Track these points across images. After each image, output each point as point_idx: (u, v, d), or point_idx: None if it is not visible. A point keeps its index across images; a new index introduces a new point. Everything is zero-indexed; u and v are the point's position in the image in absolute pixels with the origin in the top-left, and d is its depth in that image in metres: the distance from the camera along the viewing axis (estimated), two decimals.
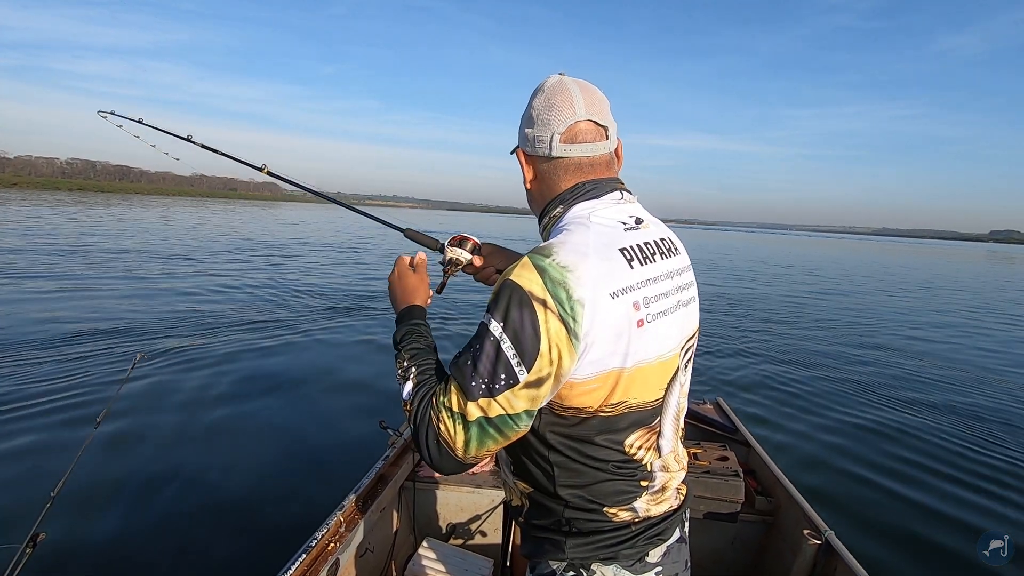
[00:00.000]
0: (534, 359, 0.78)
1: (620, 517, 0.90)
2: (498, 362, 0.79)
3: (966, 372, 7.39)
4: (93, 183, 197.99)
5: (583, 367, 0.81)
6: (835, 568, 1.79)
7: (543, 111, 0.94)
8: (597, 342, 0.80)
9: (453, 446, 0.82)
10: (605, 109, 0.96)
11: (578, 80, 0.97)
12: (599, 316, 0.80)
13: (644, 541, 0.91)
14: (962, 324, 11.81)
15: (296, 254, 16.99)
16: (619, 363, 0.83)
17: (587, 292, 0.79)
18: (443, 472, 0.87)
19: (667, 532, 0.94)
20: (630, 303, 0.83)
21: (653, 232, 0.95)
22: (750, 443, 2.65)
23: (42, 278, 9.38)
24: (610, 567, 0.89)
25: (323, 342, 6.39)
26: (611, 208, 0.92)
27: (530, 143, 0.96)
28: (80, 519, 2.76)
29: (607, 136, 0.95)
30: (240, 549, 2.67)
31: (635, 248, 0.88)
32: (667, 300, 0.90)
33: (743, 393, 5.72)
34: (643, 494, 0.91)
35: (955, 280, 24.98)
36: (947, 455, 4.46)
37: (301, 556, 1.58)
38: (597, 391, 0.84)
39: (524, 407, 0.81)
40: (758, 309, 11.97)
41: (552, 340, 0.78)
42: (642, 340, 0.84)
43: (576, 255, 0.82)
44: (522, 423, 0.83)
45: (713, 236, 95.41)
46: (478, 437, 0.81)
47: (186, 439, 3.73)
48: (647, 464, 0.91)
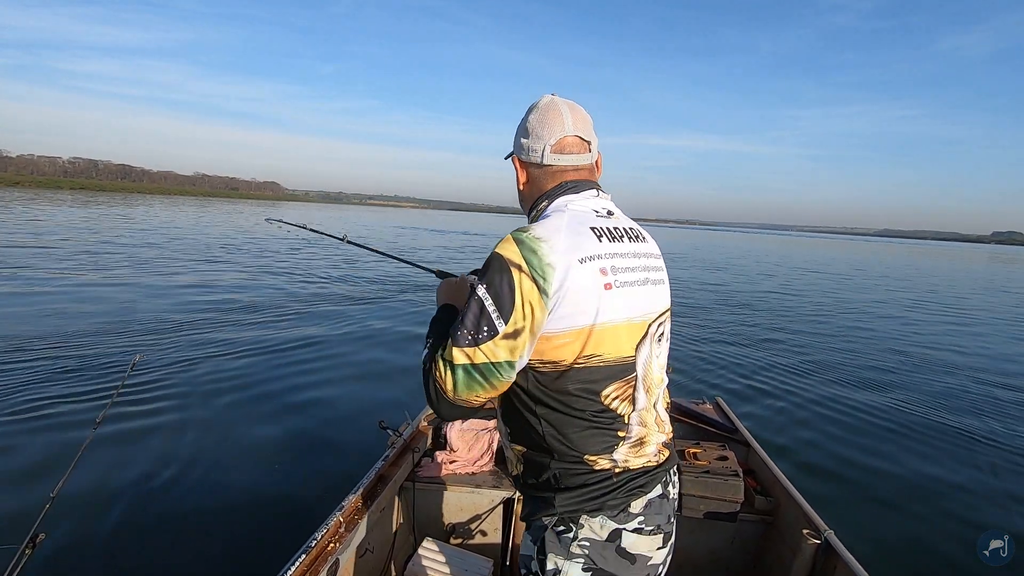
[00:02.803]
0: (510, 313, 0.94)
1: (600, 465, 1.00)
2: (481, 317, 0.95)
3: (969, 372, 7.39)
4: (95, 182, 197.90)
5: (554, 322, 0.95)
6: (834, 567, 1.79)
7: (537, 125, 1.11)
8: (566, 299, 0.94)
9: (444, 388, 0.97)
10: (589, 127, 1.14)
11: (567, 100, 1.14)
12: (569, 277, 0.94)
13: (625, 493, 1.00)
14: (967, 324, 11.81)
15: (296, 253, 17.00)
16: (589, 320, 0.96)
17: (557, 258, 0.95)
18: (441, 415, 1.02)
19: (648, 486, 1.03)
20: (597, 269, 0.97)
21: (622, 222, 1.12)
22: (749, 443, 2.65)
23: (41, 276, 9.37)
24: (596, 518, 1.00)
25: (322, 342, 6.39)
26: (587, 200, 1.09)
27: (525, 151, 1.13)
28: (80, 519, 2.76)
29: (590, 149, 1.13)
30: (240, 549, 2.68)
31: (604, 228, 1.05)
32: (634, 274, 1.04)
33: (742, 380, 5.73)
34: (621, 444, 1.02)
35: (957, 280, 24.97)
36: (948, 454, 4.47)
37: (301, 556, 1.58)
38: (571, 345, 0.97)
39: (505, 357, 0.95)
40: (761, 308, 11.97)
41: (525, 297, 0.94)
42: (611, 301, 0.98)
43: (549, 230, 0.99)
44: (503, 372, 0.96)
45: (714, 237, 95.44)
46: (464, 381, 0.96)
47: (185, 439, 3.73)
48: (624, 415, 1.02)
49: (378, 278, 12.93)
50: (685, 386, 5.71)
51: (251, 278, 11.25)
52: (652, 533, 1.02)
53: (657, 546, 1.03)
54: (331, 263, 15.04)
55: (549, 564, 1.02)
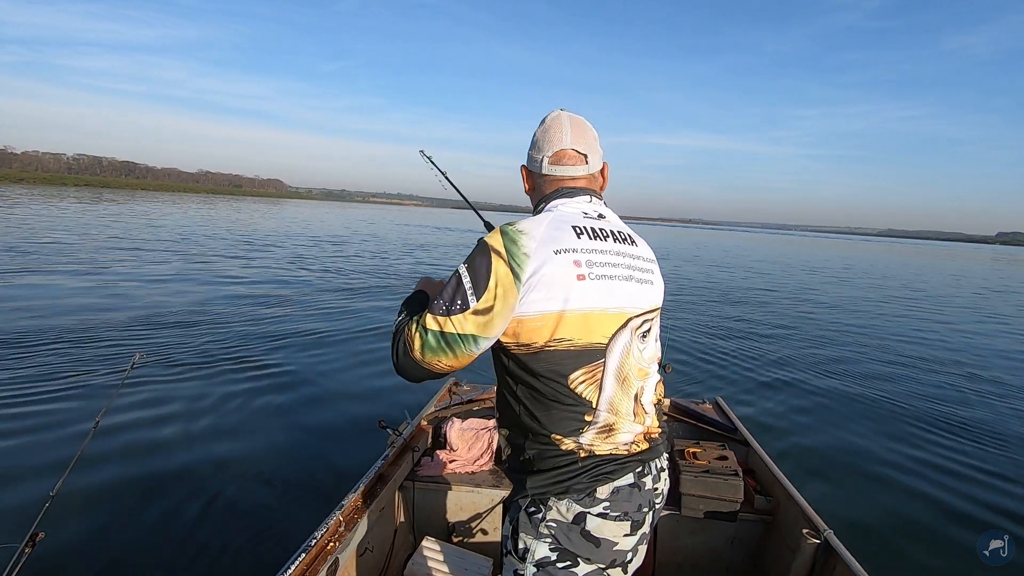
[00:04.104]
0: (483, 292, 1.02)
1: (566, 446, 1.06)
2: (457, 291, 1.04)
3: (972, 373, 7.39)
4: (99, 179, 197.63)
5: (527, 305, 1.03)
6: (834, 567, 1.79)
7: (540, 138, 1.23)
8: (539, 285, 1.02)
9: (412, 346, 1.06)
10: (588, 140, 1.22)
11: (573, 116, 1.24)
12: (542, 266, 1.03)
13: (591, 478, 1.05)
14: (973, 324, 11.81)
15: (295, 251, 17.01)
16: (559, 306, 1.03)
17: (534, 248, 1.04)
18: (401, 371, 1.10)
19: (616, 474, 1.07)
20: (571, 261, 1.05)
21: (613, 225, 1.19)
22: (749, 443, 2.65)
23: (41, 275, 9.37)
24: (563, 501, 1.05)
25: (322, 341, 6.39)
26: (578, 204, 1.18)
27: (529, 161, 1.26)
28: (80, 519, 2.75)
29: (587, 162, 1.22)
30: (239, 548, 2.67)
31: (587, 228, 1.12)
32: (615, 269, 1.10)
33: (742, 380, 5.73)
34: (587, 428, 1.07)
35: (959, 281, 24.93)
36: (949, 453, 4.46)
37: (300, 555, 1.59)
38: (542, 328, 1.04)
39: (472, 331, 1.03)
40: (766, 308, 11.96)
41: (499, 280, 1.02)
42: (583, 291, 1.04)
43: (532, 224, 1.09)
44: (467, 345, 1.04)
45: (716, 236, 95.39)
46: (431, 345, 1.04)
47: (184, 439, 3.73)
48: (590, 400, 1.07)
49: (374, 272, 12.94)
50: (685, 386, 5.71)
51: (253, 276, 11.26)
52: (618, 519, 1.06)
53: (624, 532, 1.07)
54: (330, 262, 15.06)
55: (520, 543, 1.09)
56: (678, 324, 9.03)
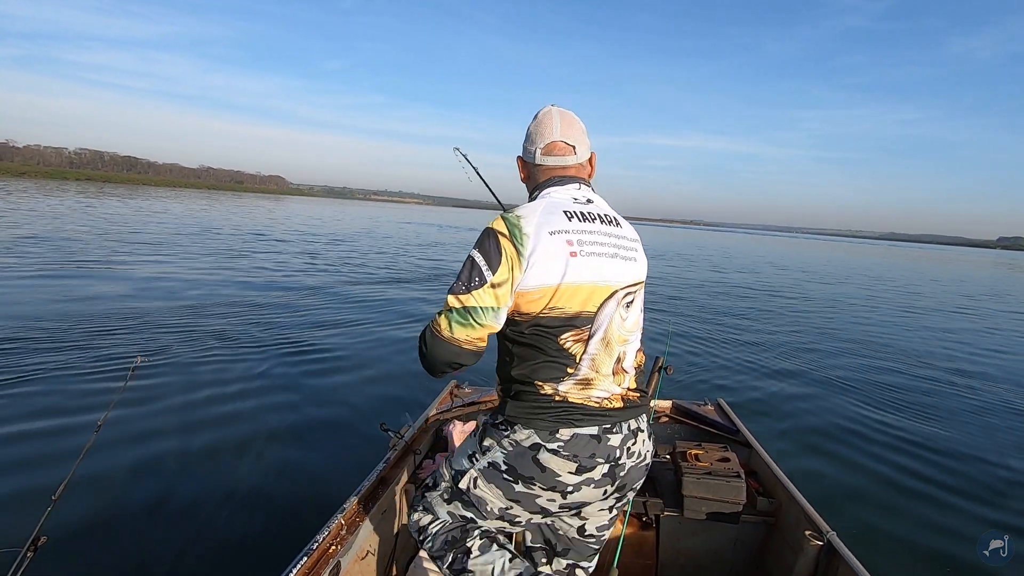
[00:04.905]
0: (498, 267, 1.18)
1: (545, 391, 1.23)
2: (473, 271, 1.19)
3: (981, 377, 7.38)
4: (101, 173, 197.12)
5: (528, 280, 1.19)
6: (837, 569, 1.78)
7: (533, 131, 1.38)
8: (538, 262, 1.18)
9: (439, 328, 1.21)
10: (576, 132, 1.37)
11: (563, 111, 1.39)
12: (540, 245, 1.19)
13: (555, 418, 1.21)
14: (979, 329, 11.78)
15: (298, 249, 17.02)
16: (556, 280, 1.19)
17: (532, 229, 1.20)
18: (432, 361, 1.25)
19: (581, 422, 1.21)
20: (564, 240, 1.21)
21: (599, 209, 1.33)
22: (751, 444, 2.64)
23: (40, 273, 9.35)
24: (528, 430, 1.23)
25: (323, 342, 6.38)
26: (568, 191, 1.33)
27: (524, 152, 1.41)
28: (81, 523, 2.75)
29: (576, 152, 1.37)
30: (241, 552, 2.67)
31: (577, 212, 1.27)
32: (602, 247, 1.25)
33: (743, 381, 5.72)
34: (567, 379, 1.23)
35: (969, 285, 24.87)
36: (951, 454, 4.46)
37: (302, 559, 1.58)
38: (539, 300, 1.20)
39: (490, 303, 1.19)
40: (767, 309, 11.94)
41: (508, 256, 1.19)
42: (575, 267, 1.20)
43: (529, 210, 1.25)
44: (488, 315, 1.19)
45: (717, 237, 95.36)
46: (457, 320, 1.19)
47: (185, 443, 3.72)
48: (575, 355, 1.23)
49: (378, 272, 12.95)
50: (687, 387, 5.70)
51: (254, 275, 11.25)
52: (567, 459, 1.21)
53: (569, 471, 1.21)
54: (331, 261, 15.07)
55: (485, 442, 1.31)
56: (679, 324, 9.03)
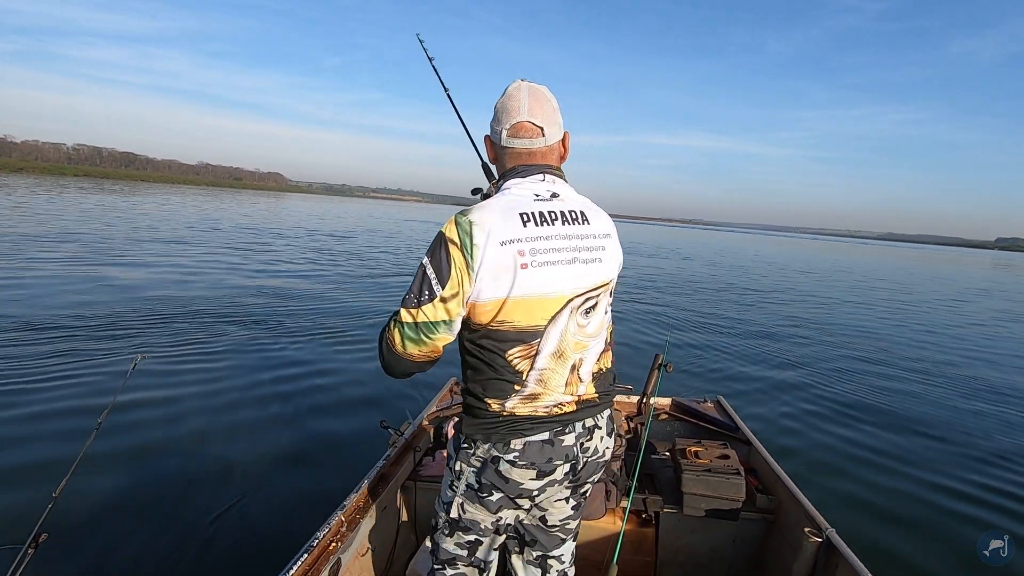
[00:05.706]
0: (447, 280, 1.14)
1: (493, 408, 1.22)
2: (424, 283, 1.15)
3: (981, 377, 7.39)
4: (99, 169, 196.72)
5: (478, 292, 1.15)
6: (836, 566, 1.79)
7: (500, 109, 1.26)
8: (487, 275, 1.13)
9: (393, 342, 1.20)
10: (547, 112, 1.25)
11: (532, 86, 1.26)
12: (488, 257, 1.13)
13: (507, 432, 1.22)
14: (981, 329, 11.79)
15: (299, 246, 17.00)
16: (504, 293, 1.14)
17: (482, 239, 1.13)
18: (387, 367, 1.25)
19: (530, 432, 1.22)
20: (515, 251, 1.14)
21: (565, 204, 1.24)
22: (751, 441, 2.65)
23: (40, 273, 9.34)
24: (485, 445, 1.24)
25: (323, 342, 6.38)
26: (532, 184, 1.23)
27: (491, 132, 1.30)
28: (82, 520, 2.75)
29: (544, 134, 1.25)
30: (241, 549, 2.68)
31: (535, 214, 1.19)
32: (558, 254, 1.18)
33: (743, 379, 5.72)
34: (514, 395, 1.21)
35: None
36: (952, 454, 4.46)
37: (303, 556, 1.59)
38: (490, 312, 1.16)
39: (442, 317, 1.16)
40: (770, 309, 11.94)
41: (457, 268, 1.13)
42: (524, 278, 1.14)
43: (483, 214, 1.16)
44: (440, 329, 1.18)
45: (717, 236, 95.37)
46: (409, 336, 1.18)
47: (186, 440, 3.73)
48: (522, 372, 1.21)
49: (379, 270, 12.94)
50: (688, 384, 5.71)
51: (254, 275, 11.26)
52: (525, 467, 1.23)
53: (530, 477, 1.24)
54: (332, 259, 15.06)
55: (456, 466, 1.31)
56: (679, 323, 9.04)
